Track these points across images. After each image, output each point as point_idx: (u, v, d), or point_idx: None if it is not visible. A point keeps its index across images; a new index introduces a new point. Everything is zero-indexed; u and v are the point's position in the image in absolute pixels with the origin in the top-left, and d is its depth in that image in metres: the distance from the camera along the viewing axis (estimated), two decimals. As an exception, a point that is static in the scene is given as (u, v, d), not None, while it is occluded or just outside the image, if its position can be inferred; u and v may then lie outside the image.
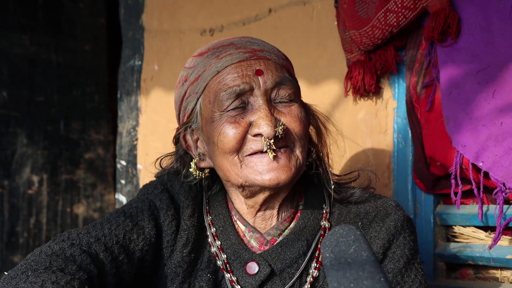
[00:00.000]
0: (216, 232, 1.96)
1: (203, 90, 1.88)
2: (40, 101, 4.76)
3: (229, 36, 1.99)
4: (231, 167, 1.85)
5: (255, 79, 1.82)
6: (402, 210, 1.91)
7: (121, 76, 3.57)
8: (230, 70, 1.83)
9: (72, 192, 4.93)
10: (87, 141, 5.00)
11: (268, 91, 1.83)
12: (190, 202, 1.96)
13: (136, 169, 3.43)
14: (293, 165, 1.83)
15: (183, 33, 3.26)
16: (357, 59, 2.55)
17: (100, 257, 1.77)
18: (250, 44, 1.90)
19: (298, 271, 1.88)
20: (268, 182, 1.81)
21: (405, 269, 1.82)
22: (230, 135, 1.81)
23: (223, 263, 1.91)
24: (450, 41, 2.31)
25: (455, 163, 2.27)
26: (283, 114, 1.83)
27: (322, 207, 1.97)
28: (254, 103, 1.82)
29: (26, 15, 4.70)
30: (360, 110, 2.61)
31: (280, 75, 1.84)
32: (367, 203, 1.93)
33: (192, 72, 1.91)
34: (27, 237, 4.68)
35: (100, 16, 5.07)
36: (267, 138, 1.78)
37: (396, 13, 2.36)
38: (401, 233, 1.85)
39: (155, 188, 1.99)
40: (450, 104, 2.28)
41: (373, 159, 2.58)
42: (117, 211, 1.93)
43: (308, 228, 1.93)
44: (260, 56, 1.86)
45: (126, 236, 1.85)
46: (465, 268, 2.44)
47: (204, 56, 1.90)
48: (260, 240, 1.93)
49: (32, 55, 4.74)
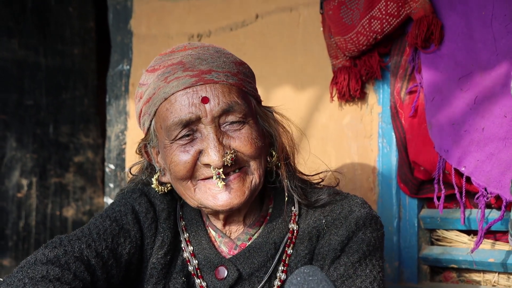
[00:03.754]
0: (188, 238, 1.98)
1: (154, 113, 1.88)
2: (29, 105, 4.77)
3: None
4: (185, 191, 1.88)
5: (202, 107, 1.80)
6: (368, 208, 1.91)
7: (109, 80, 3.59)
8: (176, 98, 1.82)
9: (62, 195, 4.93)
10: (76, 145, 5.00)
11: (215, 119, 1.81)
12: (165, 205, 1.99)
13: (125, 173, 3.45)
14: (247, 188, 1.85)
15: (171, 38, 3.29)
16: (343, 65, 2.58)
17: (92, 263, 1.79)
18: (198, 62, 1.84)
19: (266, 274, 1.90)
20: (220, 207, 1.84)
21: (359, 263, 1.82)
22: (181, 164, 1.83)
23: (194, 269, 1.94)
24: (433, 47, 2.34)
25: (438, 168, 2.30)
26: (232, 138, 1.83)
27: (290, 209, 1.97)
28: (203, 131, 1.82)
29: (15, 19, 4.71)
30: (345, 115, 2.64)
31: (227, 102, 1.82)
32: (333, 202, 1.94)
33: (145, 90, 1.90)
34: (16, 240, 4.68)
35: (89, 19, 5.08)
36: (216, 168, 1.80)
37: (380, 20, 2.39)
38: (361, 230, 1.86)
39: (133, 192, 2.01)
40: (433, 110, 2.31)
41: (358, 163, 2.62)
42: (101, 215, 1.95)
43: (276, 231, 1.94)
44: (207, 80, 1.82)
45: (114, 240, 1.88)
46: (448, 271, 2.48)
47: (155, 74, 1.88)
48: (229, 245, 1.95)
49: (20, 59, 4.74)
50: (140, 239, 1.93)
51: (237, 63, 1.91)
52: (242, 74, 1.91)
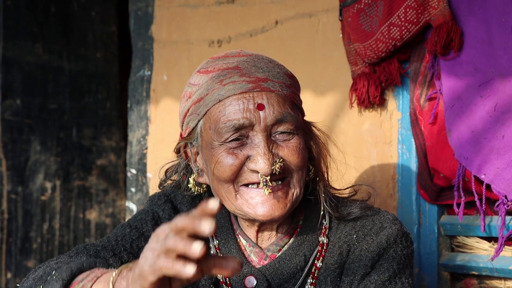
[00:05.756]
0: (218, 245, 1.99)
1: (204, 113, 1.88)
2: (52, 108, 4.82)
3: (237, 48, 2.00)
4: (226, 194, 1.87)
5: (256, 114, 1.81)
6: (399, 225, 1.92)
7: (131, 86, 3.61)
8: (231, 101, 1.82)
9: (85, 198, 4.98)
10: (99, 148, 5.05)
11: (268, 127, 1.82)
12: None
13: (146, 178, 3.48)
14: (289, 200, 1.86)
15: (192, 44, 3.30)
16: (362, 71, 2.57)
17: (110, 262, 1.83)
18: (255, 70, 1.86)
19: (295, 286, 1.91)
20: (261, 217, 1.84)
21: (389, 281, 1.83)
22: (227, 166, 1.83)
23: (222, 277, 1.95)
24: (452, 54, 2.33)
25: (458, 175, 2.29)
26: (281, 148, 1.84)
27: (321, 222, 1.98)
28: (254, 137, 1.82)
29: (38, 24, 4.76)
30: (365, 121, 2.64)
31: (281, 111, 1.83)
32: (364, 217, 1.95)
33: (196, 90, 1.90)
34: (40, 242, 4.74)
35: (111, 24, 5.12)
36: (264, 175, 1.80)
37: (399, 27, 2.39)
38: (392, 247, 1.87)
39: (158, 199, 2.04)
40: (453, 117, 2.30)
41: (378, 169, 2.61)
42: (122, 224, 1.99)
43: (307, 244, 1.94)
44: (264, 88, 1.84)
45: (133, 244, 1.92)
46: (469, 278, 2.46)
47: (209, 76, 1.88)
48: (259, 255, 1.96)
49: (44, 63, 4.79)
50: None
51: (289, 75, 1.93)
52: (293, 86, 1.93)
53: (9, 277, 4.55)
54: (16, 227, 4.62)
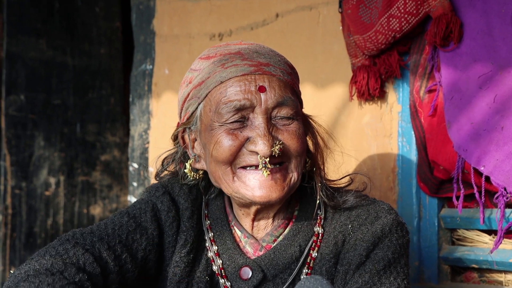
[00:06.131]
0: (213, 237, 1.99)
1: (205, 96, 1.89)
2: (56, 104, 4.83)
3: (237, 41, 2.00)
4: (223, 176, 1.87)
5: (257, 96, 1.82)
6: (394, 214, 1.92)
7: (133, 80, 3.61)
8: (233, 83, 1.84)
9: (89, 193, 4.99)
10: (103, 143, 5.06)
11: (269, 110, 1.83)
12: (189, 204, 2.00)
13: (148, 172, 3.48)
14: (287, 184, 1.86)
15: (193, 37, 3.30)
16: (362, 63, 2.56)
17: (103, 255, 1.82)
18: (257, 55, 1.89)
19: (290, 276, 1.91)
20: (258, 199, 1.84)
21: (383, 271, 1.82)
22: (226, 146, 1.83)
23: (218, 269, 1.95)
24: (452, 46, 2.32)
25: (457, 167, 2.28)
26: (281, 131, 1.85)
27: (316, 212, 1.98)
28: (254, 120, 1.83)
29: (42, 20, 4.77)
30: (365, 114, 2.63)
31: (282, 95, 1.85)
32: (360, 207, 1.94)
33: (197, 75, 1.92)
34: (44, 237, 4.75)
35: (115, 20, 5.12)
36: (263, 157, 1.80)
37: (399, 18, 2.38)
38: (387, 236, 1.86)
39: (156, 190, 2.03)
40: (452, 109, 2.29)
41: (378, 162, 2.60)
42: (121, 212, 1.98)
43: (302, 234, 1.95)
44: (265, 71, 1.86)
45: (129, 236, 1.91)
46: (469, 272, 2.45)
47: (211, 61, 1.90)
48: (254, 246, 1.96)
49: (48, 59, 4.81)
50: (158, 237, 1.96)
51: (289, 65, 1.96)
52: (294, 75, 1.95)
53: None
54: (20, 222, 4.64)
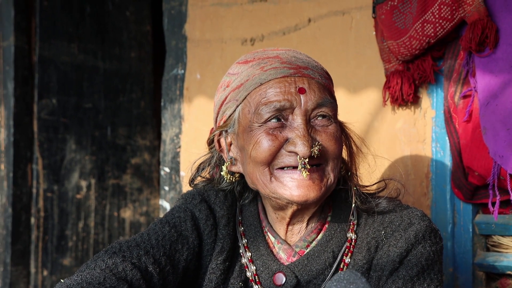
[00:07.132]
0: (247, 243, 2.01)
1: (243, 98, 1.90)
2: (87, 108, 4.87)
3: (270, 46, 2.02)
4: (261, 177, 1.88)
5: (297, 97, 1.84)
6: (428, 221, 1.91)
7: (164, 84, 3.64)
8: (273, 84, 1.86)
9: (119, 196, 5.02)
10: (133, 147, 5.09)
11: (308, 111, 1.85)
12: (225, 212, 2.01)
13: (179, 176, 3.50)
14: (324, 185, 1.87)
15: (225, 42, 3.31)
16: (395, 69, 2.56)
17: (149, 269, 1.83)
18: (295, 60, 1.91)
19: (324, 282, 1.91)
20: (296, 198, 1.84)
21: (417, 277, 1.82)
22: (266, 147, 1.84)
23: (252, 275, 1.96)
24: (488, 51, 2.30)
25: (493, 173, 2.26)
26: (319, 133, 1.86)
27: (349, 219, 1.98)
28: (293, 121, 1.85)
29: (74, 24, 4.81)
30: (398, 119, 2.62)
31: (322, 96, 1.86)
32: (393, 213, 1.94)
33: (235, 79, 1.93)
34: (76, 240, 4.79)
35: (145, 23, 5.15)
36: (303, 157, 1.81)
37: (433, 24, 2.36)
38: (420, 243, 1.86)
39: (193, 198, 2.04)
40: (488, 115, 2.27)
41: (412, 168, 2.59)
42: (161, 220, 1.98)
43: (335, 240, 1.95)
44: (304, 74, 1.88)
45: (172, 246, 1.92)
46: (505, 278, 2.43)
47: (249, 65, 1.92)
48: (288, 252, 1.97)
49: (79, 63, 4.85)
50: (198, 246, 1.97)
51: (325, 71, 1.98)
52: (330, 80, 1.98)
53: (45, 274, 4.62)
54: (52, 225, 4.68)
